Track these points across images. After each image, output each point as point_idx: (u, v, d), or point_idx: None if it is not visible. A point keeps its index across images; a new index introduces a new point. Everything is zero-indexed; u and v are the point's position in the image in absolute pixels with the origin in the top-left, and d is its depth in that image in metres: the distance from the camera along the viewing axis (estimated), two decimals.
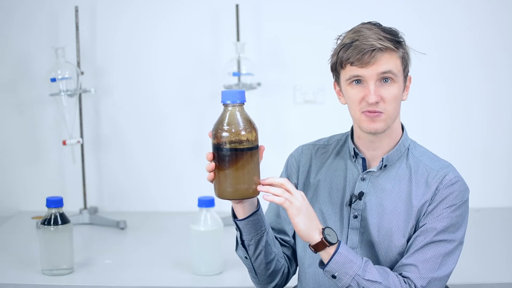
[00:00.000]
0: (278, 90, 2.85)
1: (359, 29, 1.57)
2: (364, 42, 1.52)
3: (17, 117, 2.92)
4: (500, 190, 2.89)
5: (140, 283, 2.18)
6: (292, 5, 2.82)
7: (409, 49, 1.59)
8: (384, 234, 1.58)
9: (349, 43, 1.55)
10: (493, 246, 2.49)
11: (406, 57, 1.58)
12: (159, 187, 2.94)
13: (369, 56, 1.52)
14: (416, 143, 1.67)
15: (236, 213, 1.57)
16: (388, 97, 1.54)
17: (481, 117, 2.86)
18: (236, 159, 1.43)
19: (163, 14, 2.85)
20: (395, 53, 1.54)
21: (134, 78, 2.89)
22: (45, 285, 2.14)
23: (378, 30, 1.55)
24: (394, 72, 1.54)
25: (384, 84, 1.54)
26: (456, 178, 1.57)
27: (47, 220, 2.15)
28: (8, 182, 2.97)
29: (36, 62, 2.87)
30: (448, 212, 1.55)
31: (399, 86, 1.56)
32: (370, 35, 1.53)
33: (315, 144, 1.73)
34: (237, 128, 1.44)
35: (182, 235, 2.53)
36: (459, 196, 1.56)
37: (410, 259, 1.54)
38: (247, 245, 1.60)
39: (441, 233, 1.54)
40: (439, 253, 1.54)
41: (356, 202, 1.60)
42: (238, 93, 1.45)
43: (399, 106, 1.58)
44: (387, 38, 1.54)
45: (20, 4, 2.85)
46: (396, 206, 1.58)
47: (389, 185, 1.60)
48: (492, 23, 2.81)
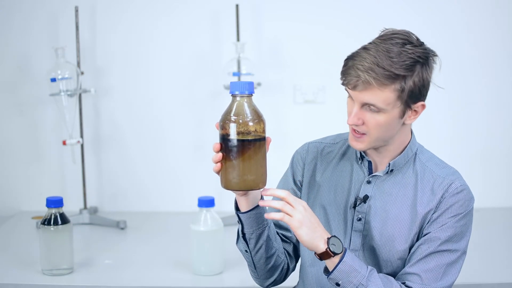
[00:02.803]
0: (278, 90, 2.85)
1: (366, 46, 1.50)
2: (354, 67, 1.47)
3: (17, 117, 2.92)
4: (500, 190, 2.89)
5: (140, 283, 2.18)
6: (292, 5, 2.82)
7: (427, 73, 1.50)
8: (386, 238, 1.58)
9: (347, 59, 1.51)
10: (493, 246, 2.49)
11: (409, 88, 1.48)
12: (159, 187, 2.94)
13: (354, 85, 1.48)
14: (423, 147, 1.65)
15: (239, 206, 1.57)
16: (370, 123, 1.50)
17: (481, 117, 2.86)
18: (243, 150, 1.42)
19: (163, 14, 2.85)
20: (386, 87, 1.46)
21: (134, 78, 2.89)
22: (45, 285, 2.14)
23: (379, 55, 1.46)
24: (378, 106, 1.47)
25: (370, 110, 1.50)
26: (462, 186, 1.56)
27: (47, 220, 2.15)
28: (8, 182, 2.97)
29: (36, 62, 2.87)
30: (452, 221, 1.54)
31: (388, 116, 1.49)
32: (364, 60, 1.46)
33: (321, 142, 1.71)
34: (244, 119, 1.43)
35: (182, 235, 2.53)
36: (464, 206, 1.55)
37: (413, 268, 1.54)
38: (248, 239, 1.59)
39: (444, 243, 1.53)
40: (442, 263, 1.53)
41: (360, 205, 1.60)
42: (247, 84, 1.45)
43: (389, 130, 1.53)
44: (382, 69, 1.45)
45: (20, 4, 2.85)
46: (400, 212, 1.57)
47: (394, 190, 1.59)
48: (492, 23, 2.81)
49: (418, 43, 1.51)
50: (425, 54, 1.50)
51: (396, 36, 1.50)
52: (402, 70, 1.46)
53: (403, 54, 1.47)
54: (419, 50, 1.49)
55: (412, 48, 1.48)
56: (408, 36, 1.50)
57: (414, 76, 1.48)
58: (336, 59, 2.78)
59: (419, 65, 1.48)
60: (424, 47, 1.51)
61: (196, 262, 2.21)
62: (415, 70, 1.48)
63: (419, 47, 1.50)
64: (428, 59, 1.51)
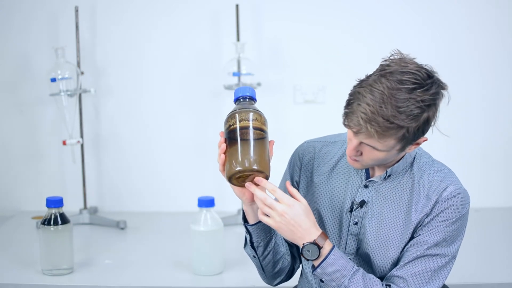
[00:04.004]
0: (278, 90, 2.85)
1: (372, 85, 1.40)
2: (357, 114, 1.40)
3: (17, 117, 2.92)
4: (499, 190, 2.89)
5: (140, 283, 2.19)
6: (292, 5, 2.82)
7: (433, 113, 1.44)
8: (380, 243, 1.57)
9: (352, 98, 1.43)
10: (492, 246, 2.49)
11: (413, 133, 1.42)
12: (159, 187, 2.94)
13: (356, 130, 1.42)
14: (422, 150, 1.62)
15: (248, 218, 1.57)
16: (368, 156, 1.48)
17: (480, 117, 2.86)
18: (246, 134, 1.46)
19: (163, 14, 2.85)
20: (387, 137, 1.41)
21: (134, 78, 2.89)
22: (45, 285, 2.14)
23: (385, 102, 1.38)
24: (378, 148, 1.44)
25: (369, 147, 1.45)
26: (457, 191, 1.53)
27: (47, 220, 2.15)
28: (8, 182, 2.97)
29: (36, 62, 2.87)
30: (443, 226, 1.52)
31: (387, 153, 1.46)
32: (368, 106, 1.39)
33: (319, 141, 1.70)
34: (247, 111, 1.49)
35: (182, 235, 2.53)
36: (457, 210, 1.52)
37: (400, 272, 1.53)
38: (256, 246, 1.60)
39: (433, 247, 1.52)
40: (429, 268, 1.52)
41: (357, 209, 1.60)
42: (249, 88, 1.54)
43: (387, 160, 1.51)
44: (386, 121, 1.38)
45: (20, 4, 2.85)
46: (395, 217, 1.56)
47: (391, 194, 1.57)
48: (492, 24, 2.81)
49: (428, 84, 1.42)
50: (434, 99, 1.43)
51: (407, 77, 1.40)
52: (407, 122, 1.40)
53: (411, 102, 1.39)
54: (428, 97, 1.41)
55: (421, 94, 1.40)
56: (420, 75, 1.41)
57: (419, 122, 1.42)
58: (336, 59, 2.84)
59: (426, 112, 1.42)
60: (433, 91, 1.42)
61: (196, 262, 2.21)
62: (421, 117, 1.42)
63: (429, 90, 1.41)
64: (436, 102, 1.44)
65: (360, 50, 2.78)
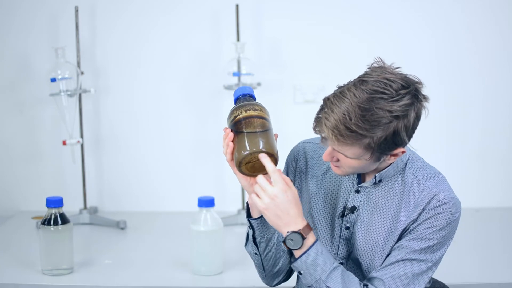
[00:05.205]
0: (278, 90, 2.85)
1: (343, 91, 1.42)
2: (321, 121, 1.43)
3: (17, 117, 2.92)
4: (498, 190, 2.88)
5: (140, 283, 2.19)
6: (292, 5, 2.82)
7: (403, 126, 1.40)
8: (368, 249, 1.57)
9: (323, 100, 1.46)
10: (492, 246, 2.49)
11: (378, 143, 1.40)
12: (159, 187, 2.94)
13: (323, 137, 1.46)
14: (416, 155, 1.60)
15: (252, 212, 1.57)
16: (343, 163, 1.48)
17: (479, 116, 2.86)
18: (253, 123, 1.49)
19: (163, 14, 2.85)
20: (351, 145, 1.41)
21: (134, 78, 2.90)
22: (45, 285, 2.15)
23: (349, 109, 1.38)
24: (348, 156, 1.44)
25: (338, 153, 1.47)
26: (446, 199, 1.51)
27: (47, 220, 2.16)
28: (8, 182, 2.97)
29: (36, 62, 2.87)
30: (427, 233, 1.50)
31: (361, 161, 1.45)
32: (332, 113, 1.41)
33: (315, 143, 1.70)
34: (252, 107, 1.52)
35: (182, 235, 2.53)
36: (445, 218, 1.50)
37: (379, 273, 1.52)
38: (258, 242, 1.60)
39: (415, 252, 1.50)
40: (409, 272, 1.50)
41: (348, 214, 1.60)
42: (248, 87, 1.58)
43: (365, 169, 1.50)
44: (347, 129, 1.39)
45: (20, 4, 2.85)
46: (382, 223, 1.56)
47: (381, 200, 1.56)
48: (492, 24, 2.81)
49: (400, 94, 1.39)
50: (404, 111, 1.39)
51: (378, 86, 1.40)
52: (370, 131, 1.39)
53: (376, 111, 1.38)
54: (396, 108, 1.38)
55: (390, 104, 1.38)
56: (392, 85, 1.40)
57: (385, 132, 1.40)
58: (336, 59, 2.84)
59: (393, 123, 1.39)
60: (405, 102, 1.39)
61: (196, 262, 2.21)
62: (387, 128, 1.39)
63: (399, 101, 1.39)
64: (408, 114, 1.40)
65: (360, 50, 2.78)
